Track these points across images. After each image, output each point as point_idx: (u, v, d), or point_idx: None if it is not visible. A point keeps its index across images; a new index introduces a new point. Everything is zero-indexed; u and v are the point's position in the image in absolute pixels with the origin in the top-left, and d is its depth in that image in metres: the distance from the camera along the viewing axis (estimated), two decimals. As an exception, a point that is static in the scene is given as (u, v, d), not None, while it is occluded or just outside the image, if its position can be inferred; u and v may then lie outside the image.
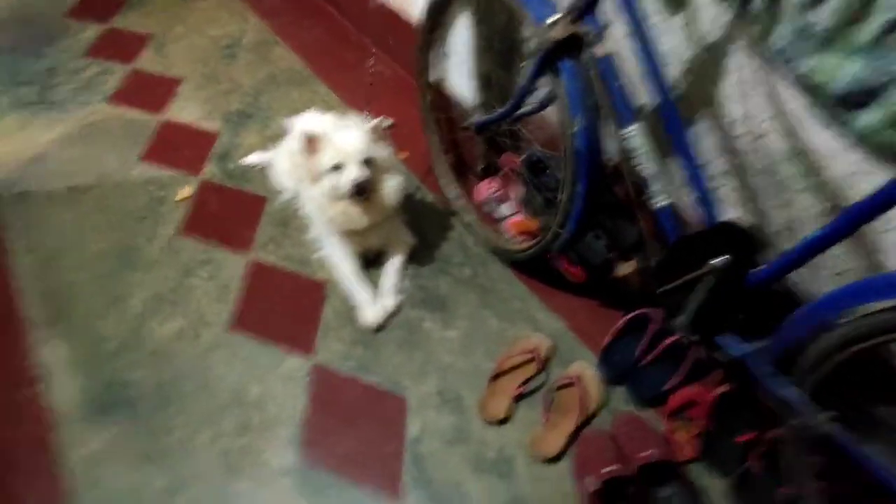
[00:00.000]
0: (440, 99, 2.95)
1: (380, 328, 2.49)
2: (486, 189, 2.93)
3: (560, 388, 2.26)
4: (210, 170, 3.18)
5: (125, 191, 3.06)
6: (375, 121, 2.48)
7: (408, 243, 2.75)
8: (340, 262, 2.65)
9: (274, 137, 3.24)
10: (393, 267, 2.67)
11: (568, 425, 2.14)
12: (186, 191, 3.06)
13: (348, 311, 2.55)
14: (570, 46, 1.87)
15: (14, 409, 2.20)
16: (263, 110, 3.50)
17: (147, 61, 3.83)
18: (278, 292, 2.65)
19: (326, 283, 2.67)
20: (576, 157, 1.99)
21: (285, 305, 2.60)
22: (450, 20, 2.80)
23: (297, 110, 3.14)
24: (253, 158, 3.19)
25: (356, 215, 2.45)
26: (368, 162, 2.38)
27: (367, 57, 3.67)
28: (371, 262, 2.71)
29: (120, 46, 3.92)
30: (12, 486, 2.04)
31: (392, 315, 2.54)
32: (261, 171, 3.16)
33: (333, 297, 2.62)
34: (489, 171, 2.99)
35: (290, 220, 2.94)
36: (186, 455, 2.13)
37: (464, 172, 3.05)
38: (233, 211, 2.99)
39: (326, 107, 3.27)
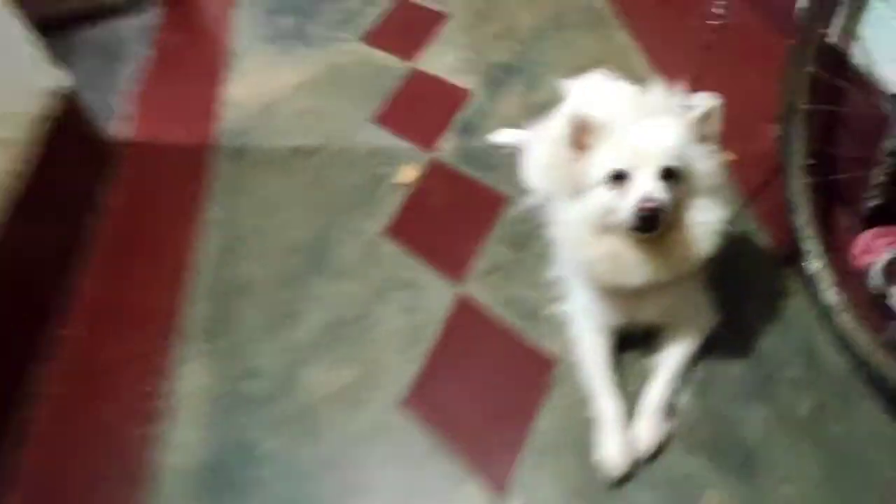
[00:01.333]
0: (832, 74, 1.64)
1: (624, 479, 1.46)
2: (880, 245, 1.61)
3: None
4: (448, 145, 2.36)
5: (346, 161, 2.40)
6: (703, 103, 1.38)
7: (704, 325, 1.62)
8: (585, 338, 1.65)
9: (539, 107, 2.27)
10: (671, 365, 1.58)
11: None
12: (410, 172, 2.29)
13: (577, 428, 1.56)
14: None
15: (117, 444, 1.71)
16: (535, 64, 2.55)
17: (417, -12, 3.08)
18: (484, 356, 1.77)
19: (557, 364, 1.70)
20: None
21: (486, 382, 1.72)
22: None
23: (580, 68, 2.13)
24: (504, 137, 2.28)
25: (632, 263, 1.44)
26: (674, 174, 1.37)
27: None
28: (632, 341, 1.65)
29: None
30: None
31: (650, 458, 1.48)
32: (510, 157, 2.24)
33: (561, 389, 1.65)
34: (887, 216, 1.64)
35: (530, 242, 2.00)
36: None
37: (833, 212, 1.74)
38: (460, 210, 2.16)
39: (624, 67, 2.16)
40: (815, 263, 1.63)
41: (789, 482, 1.40)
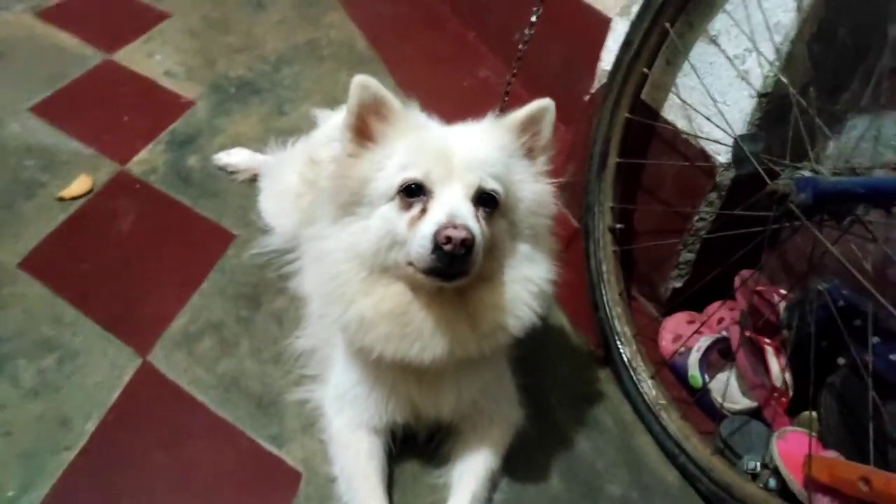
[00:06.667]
0: (644, 130, 1.43)
1: None
2: (690, 331, 1.40)
3: None
4: (151, 157, 1.68)
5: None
6: (529, 107, 0.98)
7: (511, 425, 1.18)
8: (349, 439, 1.10)
9: (284, 132, 1.73)
10: (472, 480, 1.09)
11: None
12: (81, 184, 1.54)
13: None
14: None
15: None
16: (283, 88, 2.03)
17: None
18: (188, 466, 1.07)
19: (302, 481, 1.09)
20: None
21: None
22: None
23: (337, 101, 1.67)
24: (236, 157, 1.69)
25: (426, 327, 0.96)
26: (491, 200, 0.94)
27: (472, 60, 2.20)
28: (412, 449, 1.14)
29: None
30: None
31: None
32: (240, 186, 1.64)
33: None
34: (687, 302, 1.45)
35: (267, 297, 1.39)
36: None
37: (644, 288, 1.51)
38: (160, 244, 1.47)
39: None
40: (627, 350, 1.34)
41: None
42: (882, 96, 1.16)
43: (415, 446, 1.15)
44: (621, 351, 1.35)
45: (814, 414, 1.17)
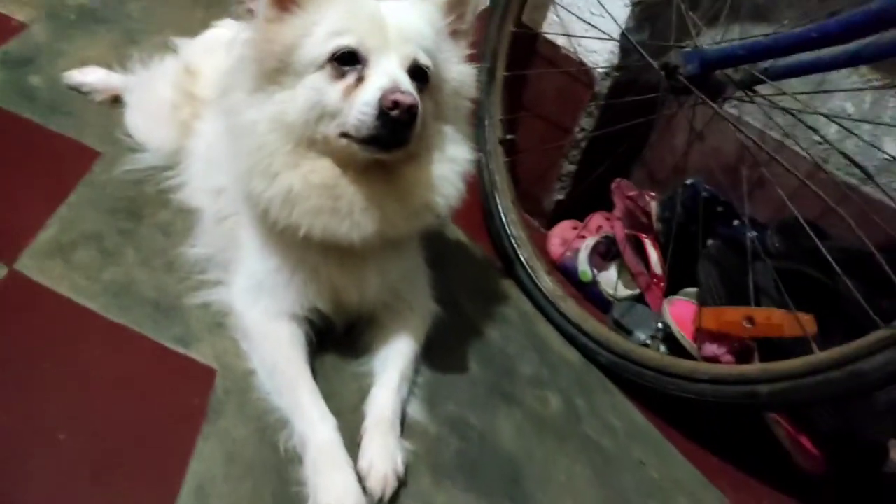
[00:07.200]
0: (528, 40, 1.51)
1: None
2: (574, 236, 1.50)
3: None
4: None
5: None
6: None
7: (428, 314, 1.18)
8: (268, 329, 1.04)
9: (134, 58, 1.58)
10: (397, 365, 1.07)
11: None
12: None
13: (261, 471, 0.90)
14: None
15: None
16: (132, 20, 1.86)
17: None
18: (76, 376, 0.94)
19: (217, 377, 1.01)
20: None
21: (80, 421, 0.90)
22: None
23: (192, 32, 1.56)
24: (91, 77, 1.52)
25: (356, 202, 0.94)
26: (423, 75, 0.94)
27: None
28: (328, 343, 1.10)
29: None
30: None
31: (394, 496, 0.92)
32: (98, 106, 1.48)
33: (228, 418, 0.96)
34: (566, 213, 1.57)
35: (148, 210, 1.27)
36: None
37: (528, 205, 1.59)
38: (6, 159, 1.27)
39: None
40: (524, 251, 1.40)
41: (568, 497, 1.03)
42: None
43: (332, 339, 1.11)
44: (518, 253, 1.42)
45: (690, 290, 1.33)
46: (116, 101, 1.49)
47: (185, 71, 1.37)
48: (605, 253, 1.47)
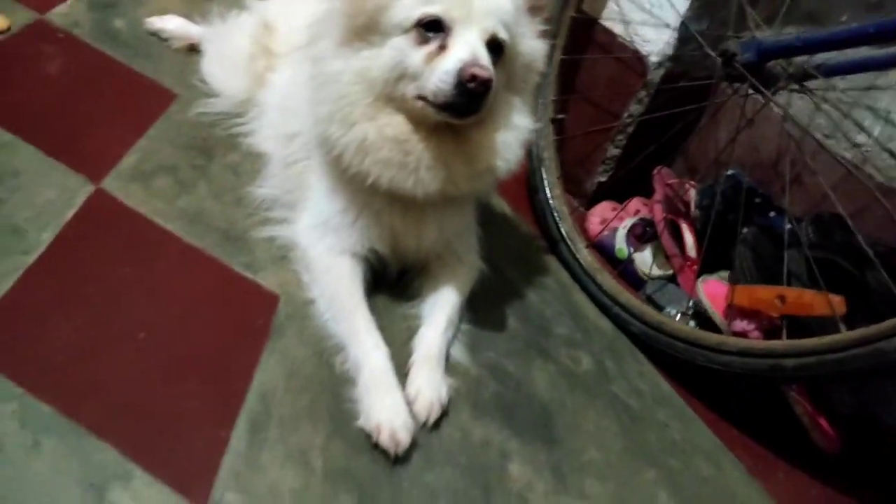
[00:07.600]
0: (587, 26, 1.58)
1: (399, 458, 0.93)
2: (613, 216, 1.56)
3: None
4: (73, 12, 1.55)
5: None
6: None
7: (474, 270, 1.26)
8: (330, 265, 1.12)
9: (213, 11, 1.66)
10: (444, 309, 1.15)
11: None
12: (-1, 21, 1.39)
13: (318, 389, 0.98)
14: None
15: None
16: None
17: None
18: (152, 289, 1.03)
19: (279, 303, 1.09)
20: None
21: (158, 330, 0.98)
22: None
23: None
24: (171, 24, 1.60)
25: (425, 160, 1.01)
26: (500, 48, 1.00)
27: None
28: (382, 286, 1.18)
29: None
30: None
31: (435, 423, 1.00)
32: (176, 52, 1.57)
33: (289, 338, 1.04)
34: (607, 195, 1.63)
35: (219, 150, 1.36)
36: None
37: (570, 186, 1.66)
38: (93, 91, 1.37)
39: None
40: (565, 225, 1.47)
41: (595, 446, 1.09)
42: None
43: (386, 282, 1.19)
44: (560, 226, 1.48)
45: (723, 273, 1.38)
46: (192, 49, 1.58)
47: (263, 26, 1.45)
48: (642, 234, 1.53)
